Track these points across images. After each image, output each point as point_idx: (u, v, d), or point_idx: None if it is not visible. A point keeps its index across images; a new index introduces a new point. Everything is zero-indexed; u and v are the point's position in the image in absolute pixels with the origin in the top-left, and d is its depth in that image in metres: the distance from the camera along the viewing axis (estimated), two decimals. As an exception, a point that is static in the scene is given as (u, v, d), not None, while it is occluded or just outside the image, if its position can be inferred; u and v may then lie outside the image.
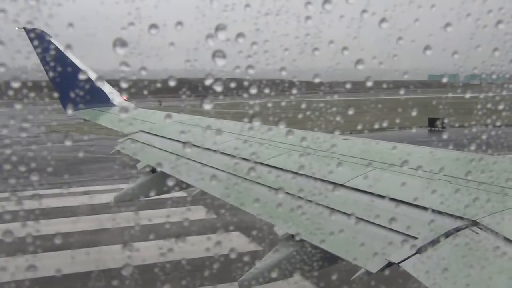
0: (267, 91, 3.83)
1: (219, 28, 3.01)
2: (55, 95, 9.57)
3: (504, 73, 4.02)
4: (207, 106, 3.49)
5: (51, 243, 7.20)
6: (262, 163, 5.87)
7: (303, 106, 5.13)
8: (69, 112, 12.32)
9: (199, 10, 2.95)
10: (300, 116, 5.47)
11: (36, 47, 8.88)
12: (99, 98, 12.12)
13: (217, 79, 3.19)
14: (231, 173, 5.83)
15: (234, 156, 6.25)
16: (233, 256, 4.49)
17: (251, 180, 5.51)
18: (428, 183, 4.36)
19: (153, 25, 2.96)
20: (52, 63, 10.12)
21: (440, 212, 3.73)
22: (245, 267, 4.27)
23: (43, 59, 9.67)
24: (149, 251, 11.50)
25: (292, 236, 4.34)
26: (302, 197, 4.69)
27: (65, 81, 10.12)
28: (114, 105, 12.36)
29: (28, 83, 3.39)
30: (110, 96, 12.41)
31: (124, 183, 15.79)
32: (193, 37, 3.12)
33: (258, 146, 6.53)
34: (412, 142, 6.46)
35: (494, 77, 4.16)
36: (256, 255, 4.69)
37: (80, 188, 22.41)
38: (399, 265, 3.35)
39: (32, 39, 8.56)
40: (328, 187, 4.78)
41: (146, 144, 8.85)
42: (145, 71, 3.02)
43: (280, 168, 5.63)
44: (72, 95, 9.08)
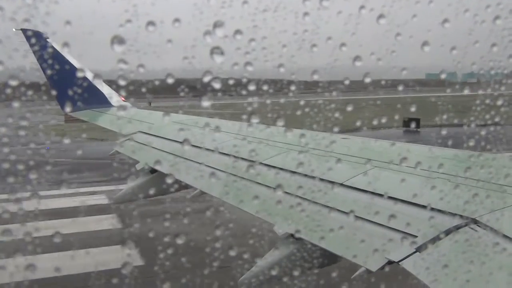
0: (263, 90, 3.80)
1: (217, 25, 2.99)
2: (53, 95, 9.54)
3: (502, 69, 4.02)
4: (205, 104, 3.48)
5: None
6: (261, 162, 5.86)
7: (284, 104, 5.01)
8: (67, 111, 12.27)
9: (196, 7, 2.94)
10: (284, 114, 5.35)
11: (33, 48, 8.84)
12: (97, 98, 12.10)
13: (214, 78, 3.18)
14: (230, 173, 5.82)
15: (233, 156, 6.24)
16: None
17: (250, 179, 5.51)
18: (427, 181, 4.35)
19: (151, 22, 2.95)
20: (49, 64, 10.09)
21: (440, 210, 3.73)
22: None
23: (40, 60, 9.64)
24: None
25: (292, 235, 4.33)
26: (301, 196, 4.68)
27: (63, 82, 10.05)
28: (112, 105, 12.35)
29: (26, 83, 3.37)
30: (108, 97, 12.39)
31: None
32: (191, 34, 3.10)
33: (256, 145, 6.53)
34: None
35: (493, 72, 4.16)
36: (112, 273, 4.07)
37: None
38: (399, 264, 3.34)
39: (30, 40, 8.53)
40: (327, 186, 4.77)
41: (145, 144, 8.84)
42: (143, 69, 3.00)
43: (279, 168, 5.62)
44: (70, 96, 9.05)
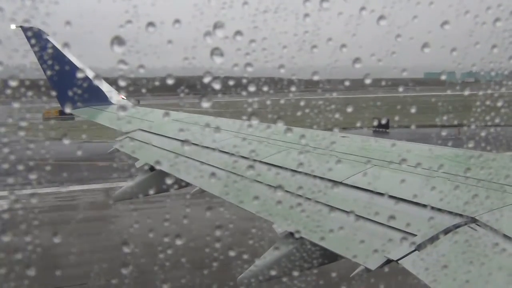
0: (262, 89, 3.80)
1: (217, 26, 2.99)
2: (53, 93, 9.54)
3: (503, 70, 4.02)
4: (205, 105, 3.48)
5: None
6: (261, 161, 5.86)
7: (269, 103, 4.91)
8: (67, 110, 12.26)
9: (197, 8, 2.94)
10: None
11: (33, 45, 8.83)
12: (97, 96, 12.09)
13: (214, 78, 3.18)
14: (230, 171, 5.82)
15: (232, 154, 6.23)
16: None
17: (249, 178, 5.50)
18: (427, 180, 4.35)
19: (151, 23, 2.94)
20: (49, 62, 10.08)
21: (439, 209, 3.73)
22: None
23: (40, 57, 9.64)
24: None
25: (291, 233, 4.34)
26: (301, 195, 4.68)
27: (63, 79, 10.09)
28: (112, 103, 12.33)
29: (26, 82, 3.36)
30: (108, 95, 12.37)
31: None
32: (191, 35, 3.10)
33: (256, 144, 6.52)
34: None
35: (493, 74, 4.16)
36: None
37: None
38: (398, 262, 3.35)
39: (29, 37, 8.52)
40: (327, 184, 4.77)
41: (145, 142, 8.83)
42: (143, 69, 3.00)
43: (279, 166, 5.62)
44: (70, 94, 9.04)
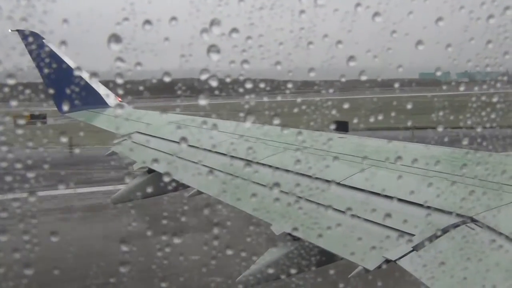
0: (252, 92, 3.78)
1: (213, 23, 3.00)
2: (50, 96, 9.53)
3: (498, 65, 4.04)
4: (202, 102, 3.49)
5: None
6: (257, 162, 5.86)
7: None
8: (64, 112, 12.22)
9: (193, 5, 2.95)
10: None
11: (30, 49, 8.82)
12: (93, 99, 12.06)
13: (211, 76, 3.19)
14: (227, 172, 5.82)
15: (230, 155, 6.23)
16: None
17: (247, 179, 5.50)
18: (424, 179, 4.35)
19: (147, 21, 2.96)
20: (46, 65, 10.08)
21: (437, 209, 3.73)
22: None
23: (37, 61, 9.63)
24: None
25: (289, 234, 4.33)
26: (298, 196, 4.68)
27: (60, 82, 10.06)
28: (109, 106, 12.31)
29: (23, 83, 3.36)
30: (105, 97, 12.34)
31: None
32: (188, 32, 3.11)
33: (253, 145, 6.53)
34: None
35: (489, 69, 4.18)
36: None
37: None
38: (396, 262, 3.35)
39: (26, 41, 8.51)
40: (324, 185, 4.77)
41: (142, 144, 8.81)
42: (140, 67, 3.01)
43: (276, 167, 5.62)
44: (66, 96, 9.04)
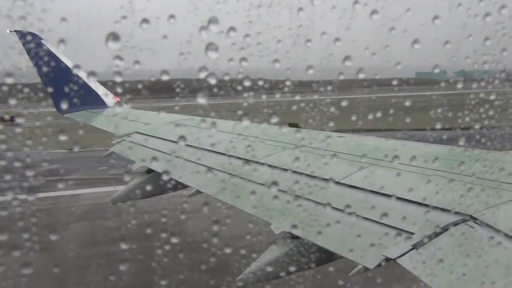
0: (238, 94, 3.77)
1: (211, 21, 3.00)
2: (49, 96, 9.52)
3: (495, 62, 4.04)
4: (201, 100, 3.49)
5: None
6: (257, 161, 5.86)
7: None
8: (62, 113, 12.22)
9: (191, 3, 2.95)
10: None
11: (28, 50, 8.82)
12: (92, 99, 12.08)
13: (210, 74, 3.19)
14: (227, 172, 5.82)
15: (229, 155, 6.24)
16: None
17: (246, 178, 5.50)
18: (423, 178, 4.36)
19: (146, 19, 2.96)
20: (44, 66, 10.07)
21: (436, 207, 3.73)
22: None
23: (35, 62, 9.60)
24: None
25: (289, 233, 4.33)
26: (298, 195, 4.68)
27: (58, 83, 10.04)
28: (108, 106, 12.32)
29: (21, 84, 3.35)
30: (104, 98, 12.36)
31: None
32: (186, 31, 3.12)
33: (253, 144, 6.53)
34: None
35: (486, 67, 4.18)
36: None
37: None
38: (396, 261, 3.35)
39: (24, 42, 8.51)
40: (323, 184, 4.77)
41: (141, 144, 8.81)
42: (138, 65, 3.01)
43: (275, 166, 5.62)
44: (65, 97, 9.04)
